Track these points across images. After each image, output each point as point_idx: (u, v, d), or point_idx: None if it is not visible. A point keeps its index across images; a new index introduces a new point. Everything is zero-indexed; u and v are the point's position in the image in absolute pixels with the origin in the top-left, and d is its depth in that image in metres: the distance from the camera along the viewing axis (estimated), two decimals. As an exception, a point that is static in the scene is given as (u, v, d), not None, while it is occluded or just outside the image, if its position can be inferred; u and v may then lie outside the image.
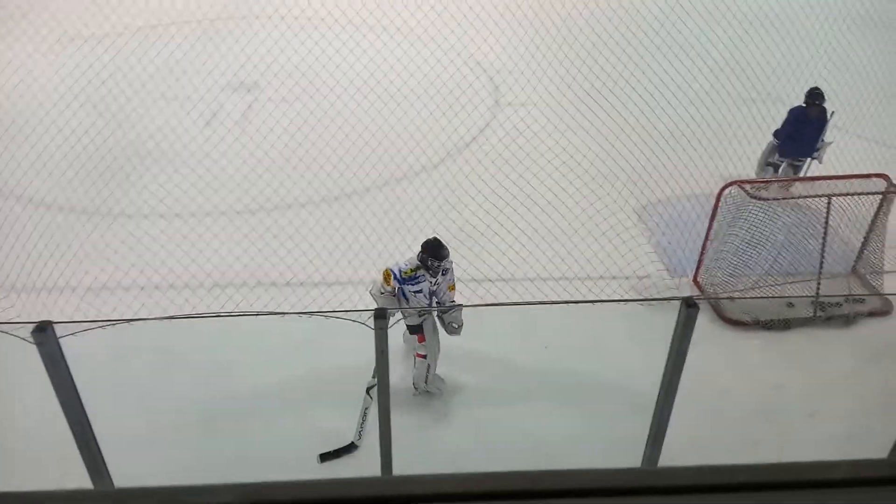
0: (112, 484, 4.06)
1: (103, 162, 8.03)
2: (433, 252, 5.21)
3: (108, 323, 5.32)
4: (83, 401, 3.70)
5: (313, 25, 9.00)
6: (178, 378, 5.80)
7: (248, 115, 9.02)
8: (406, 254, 6.99)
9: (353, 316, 4.28)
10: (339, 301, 6.52)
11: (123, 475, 4.13)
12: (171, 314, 6.16)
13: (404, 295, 5.33)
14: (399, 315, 5.37)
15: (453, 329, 5.38)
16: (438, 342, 5.57)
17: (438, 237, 5.38)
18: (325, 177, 7.85)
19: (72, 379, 3.62)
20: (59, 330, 3.47)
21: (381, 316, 3.75)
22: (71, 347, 3.58)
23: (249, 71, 9.02)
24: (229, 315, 6.14)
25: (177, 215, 7.59)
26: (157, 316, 6.04)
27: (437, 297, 5.42)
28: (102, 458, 3.94)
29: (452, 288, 5.50)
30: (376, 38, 8.78)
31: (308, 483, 1.14)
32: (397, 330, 5.57)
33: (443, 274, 5.33)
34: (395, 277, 5.24)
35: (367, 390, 5.30)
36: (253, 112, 9.05)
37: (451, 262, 5.42)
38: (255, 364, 5.92)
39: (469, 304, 5.80)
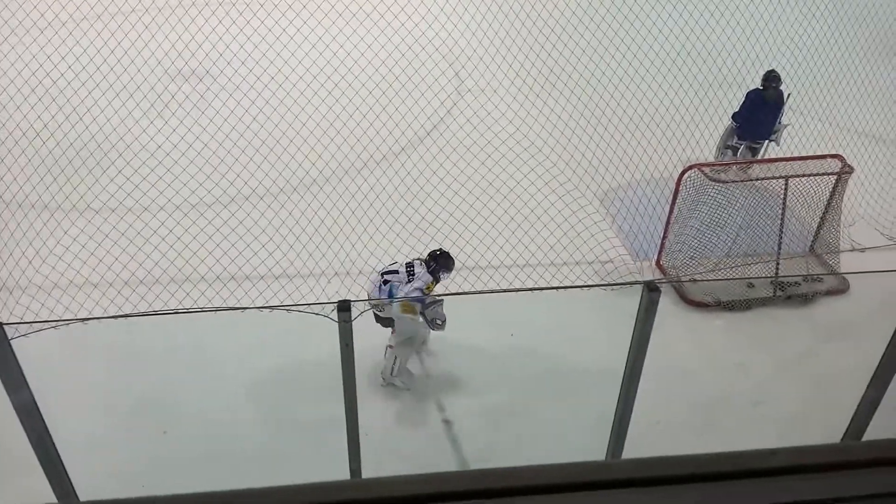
0: (75, 492, 3.93)
1: (51, 157, 7.74)
2: (447, 265, 5.49)
3: (62, 323, 5.13)
4: (39, 405, 3.56)
5: (266, 11, 8.79)
6: (137, 378, 5.64)
7: (201, 106, 8.78)
8: (368, 244, 6.92)
9: (317, 309, 4.19)
10: (302, 294, 6.40)
11: (86, 481, 4.01)
12: (127, 312, 5.97)
13: (390, 293, 5.38)
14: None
15: (437, 325, 5.43)
16: (412, 339, 5.57)
17: (446, 250, 5.60)
18: (284, 167, 7.69)
19: (26, 382, 3.47)
20: (9, 331, 3.33)
21: (344, 308, 3.68)
22: (23, 349, 3.44)
23: (201, 59, 8.75)
24: (187, 311, 5.97)
25: (129, 210, 7.35)
26: (112, 314, 5.85)
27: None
28: (63, 464, 3.80)
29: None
30: (332, 24, 8.61)
31: (274, 490, 1.08)
32: (365, 323, 5.50)
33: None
34: (420, 300, 5.34)
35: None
36: (206, 102, 8.80)
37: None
38: (216, 361, 5.78)
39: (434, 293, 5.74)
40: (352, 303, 3.80)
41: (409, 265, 5.45)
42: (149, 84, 8.65)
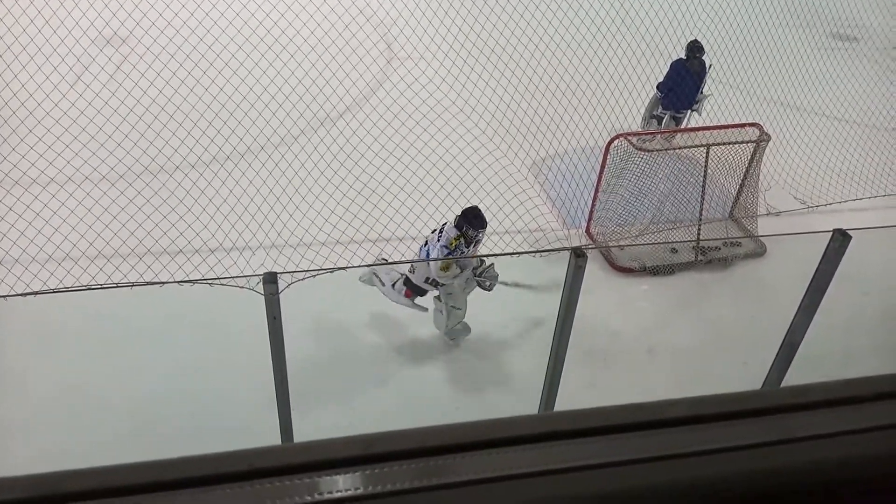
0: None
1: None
2: (471, 221, 5.23)
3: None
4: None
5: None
6: (55, 360, 5.34)
7: (120, 73, 8.25)
8: (295, 214, 6.71)
9: (241, 282, 4.04)
10: (224, 268, 6.17)
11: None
12: (36, 290, 5.60)
13: (427, 255, 5.39)
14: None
15: (486, 286, 5.54)
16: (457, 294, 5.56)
17: (478, 207, 5.40)
18: (200, 136, 7.33)
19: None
20: None
21: (271, 281, 3.55)
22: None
23: (124, 20, 8.14)
24: (101, 287, 5.66)
25: (34, 181, 6.88)
26: (21, 292, 5.48)
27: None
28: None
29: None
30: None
31: (201, 458, 0.97)
32: (295, 295, 5.33)
33: (475, 245, 5.38)
34: (450, 253, 5.23)
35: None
36: (127, 67, 8.25)
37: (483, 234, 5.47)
38: (137, 340, 5.51)
39: (365, 263, 5.63)
40: (278, 275, 3.67)
41: (444, 225, 5.39)
42: (65, 48, 7.99)
